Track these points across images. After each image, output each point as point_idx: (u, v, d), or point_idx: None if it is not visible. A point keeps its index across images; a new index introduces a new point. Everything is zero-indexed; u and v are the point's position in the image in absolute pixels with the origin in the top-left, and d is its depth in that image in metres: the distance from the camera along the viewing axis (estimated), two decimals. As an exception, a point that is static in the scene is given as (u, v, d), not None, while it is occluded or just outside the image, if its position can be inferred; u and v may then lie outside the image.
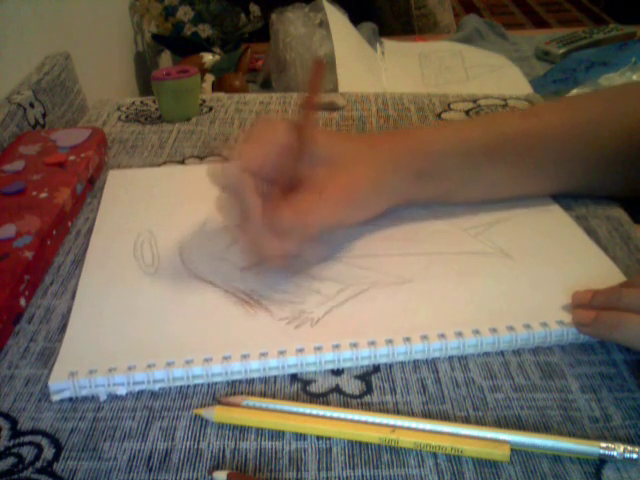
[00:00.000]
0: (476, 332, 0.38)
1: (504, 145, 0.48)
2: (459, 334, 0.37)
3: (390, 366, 0.37)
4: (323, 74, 0.44)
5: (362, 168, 0.44)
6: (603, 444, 0.31)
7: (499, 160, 0.48)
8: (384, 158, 0.46)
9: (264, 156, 0.41)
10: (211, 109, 0.72)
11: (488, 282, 0.42)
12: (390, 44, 1.20)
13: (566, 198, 0.51)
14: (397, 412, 0.34)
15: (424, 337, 0.37)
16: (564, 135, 0.48)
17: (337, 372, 0.37)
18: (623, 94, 0.52)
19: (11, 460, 0.32)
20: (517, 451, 0.32)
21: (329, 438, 0.33)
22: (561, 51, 1.13)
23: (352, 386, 0.36)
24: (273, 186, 0.42)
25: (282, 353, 0.37)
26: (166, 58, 1.28)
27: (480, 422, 0.33)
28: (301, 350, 0.37)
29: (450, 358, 0.37)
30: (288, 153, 0.42)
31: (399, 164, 0.46)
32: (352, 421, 0.33)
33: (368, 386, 0.36)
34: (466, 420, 0.34)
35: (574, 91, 0.90)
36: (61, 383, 0.35)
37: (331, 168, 0.43)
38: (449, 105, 0.71)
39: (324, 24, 0.99)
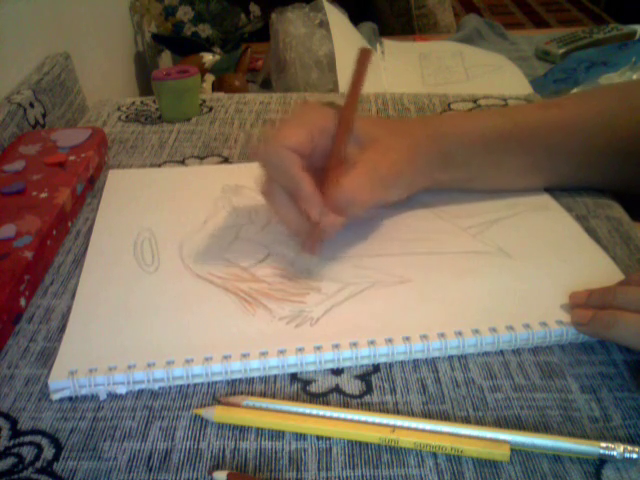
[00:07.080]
0: (475, 331, 0.38)
1: (524, 134, 0.49)
2: (459, 333, 0.37)
3: (390, 366, 0.37)
4: (368, 63, 0.46)
5: (397, 151, 0.46)
6: (603, 444, 0.31)
7: (519, 148, 0.49)
8: (414, 143, 0.48)
9: (305, 136, 0.43)
10: (211, 109, 0.72)
11: (488, 281, 0.42)
12: (390, 44, 1.20)
13: (566, 198, 0.51)
14: (397, 412, 0.34)
15: (424, 336, 0.37)
16: (587, 126, 0.49)
17: (337, 372, 0.37)
18: None
19: (11, 460, 0.32)
20: (517, 451, 0.32)
21: (329, 438, 0.33)
22: (561, 51, 1.13)
23: (352, 386, 0.36)
24: (312, 166, 0.43)
25: (282, 352, 0.37)
26: (166, 58, 1.28)
27: (480, 422, 0.33)
28: (301, 349, 0.37)
29: (450, 358, 0.37)
30: (328, 135, 0.43)
31: (427, 148, 0.48)
32: (352, 421, 0.33)
33: (368, 386, 0.36)
34: (466, 420, 0.34)
35: (574, 91, 0.90)
36: (61, 382, 0.35)
37: (370, 150, 0.45)
38: (449, 105, 0.71)
39: (324, 24, 0.99)
